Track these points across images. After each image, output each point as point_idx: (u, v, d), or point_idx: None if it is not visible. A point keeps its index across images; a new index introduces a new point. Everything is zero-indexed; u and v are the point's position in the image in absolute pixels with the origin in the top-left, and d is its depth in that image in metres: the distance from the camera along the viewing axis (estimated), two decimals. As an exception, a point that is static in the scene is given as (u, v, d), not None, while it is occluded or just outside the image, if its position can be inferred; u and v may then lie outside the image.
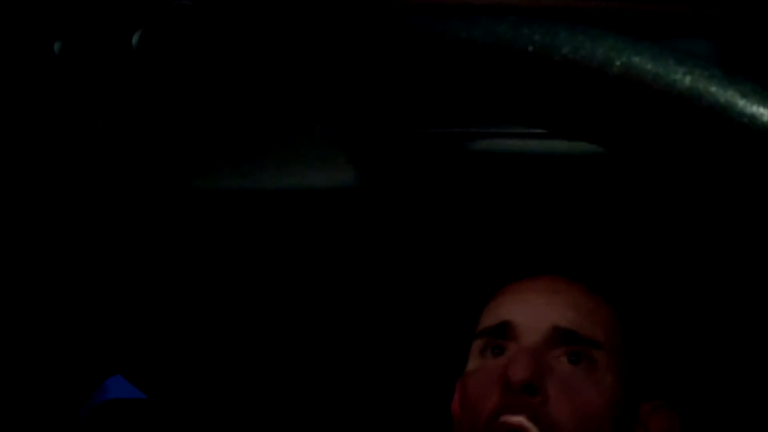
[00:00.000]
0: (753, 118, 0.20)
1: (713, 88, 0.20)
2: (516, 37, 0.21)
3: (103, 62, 0.47)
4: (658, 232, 0.75)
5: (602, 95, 0.21)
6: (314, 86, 0.23)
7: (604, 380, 0.62)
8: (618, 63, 0.21)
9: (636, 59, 0.21)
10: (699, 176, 0.22)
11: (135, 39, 0.44)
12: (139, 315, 0.83)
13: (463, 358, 0.74)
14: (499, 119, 0.23)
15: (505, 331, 0.65)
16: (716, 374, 0.79)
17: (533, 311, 0.65)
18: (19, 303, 0.27)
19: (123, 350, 0.85)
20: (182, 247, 0.81)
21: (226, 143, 0.26)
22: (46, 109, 0.53)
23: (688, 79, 0.20)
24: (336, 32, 0.22)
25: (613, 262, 0.76)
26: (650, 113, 0.21)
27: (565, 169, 0.64)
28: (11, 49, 0.47)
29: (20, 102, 0.52)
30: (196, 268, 0.84)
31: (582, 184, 0.67)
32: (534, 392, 0.59)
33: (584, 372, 0.62)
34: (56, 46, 0.46)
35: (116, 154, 0.26)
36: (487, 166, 0.64)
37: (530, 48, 0.21)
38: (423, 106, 0.24)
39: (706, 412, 0.77)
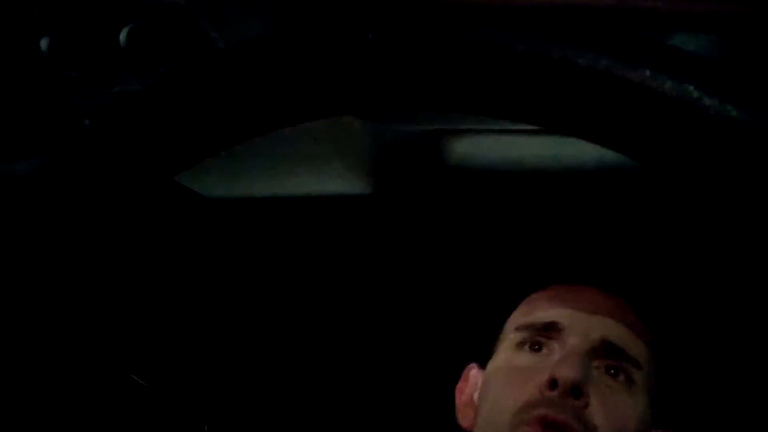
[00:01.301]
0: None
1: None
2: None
3: (91, 59, 0.46)
4: (704, 266, 0.76)
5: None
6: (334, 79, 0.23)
7: (639, 400, 0.63)
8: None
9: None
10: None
11: (123, 36, 0.44)
12: (133, 317, 0.83)
13: (469, 347, 0.74)
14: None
15: (553, 330, 0.65)
16: (728, 414, 0.79)
17: (585, 319, 0.65)
18: (19, 303, 0.27)
19: (120, 352, 0.85)
20: (178, 252, 0.81)
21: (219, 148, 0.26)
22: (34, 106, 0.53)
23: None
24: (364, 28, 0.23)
25: (661, 291, 0.76)
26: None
27: (617, 186, 0.64)
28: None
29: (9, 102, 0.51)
30: (191, 273, 0.84)
31: (634, 206, 0.68)
32: (579, 395, 0.59)
33: (623, 387, 0.63)
34: (43, 43, 0.45)
35: (106, 154, 0.26)
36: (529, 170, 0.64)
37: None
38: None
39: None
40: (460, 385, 0.74)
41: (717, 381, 0.79)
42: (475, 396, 0.70)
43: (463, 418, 0.72)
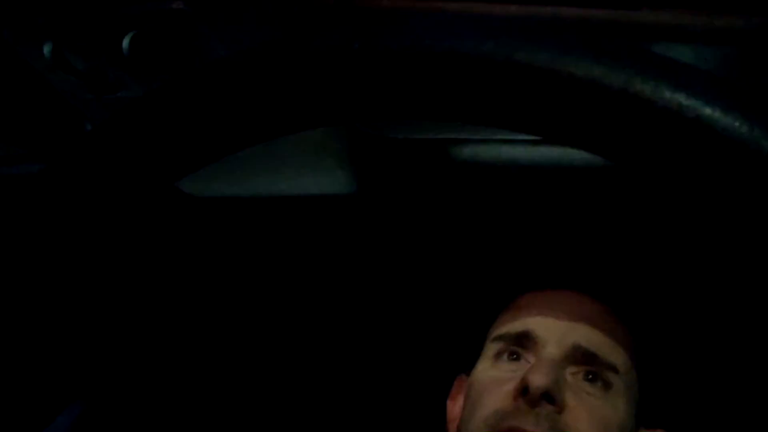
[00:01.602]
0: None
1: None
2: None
3: (94, 65, 0.47)
4: (686, 264, 0.76)
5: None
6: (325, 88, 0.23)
7: (617, 403, 0.63)
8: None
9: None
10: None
11: (126, 43, 0.44)
12: (131, 318, 0.83)
13: (461, 357, 0.74)
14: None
15: (526, 340, 0.65)
16: (715, 409, 0.79)
17: (557, 326, 0.65)
18: (18, 305, 0.27)
19: (121, 354, 0.85)
20: (172, 252, 0.81)
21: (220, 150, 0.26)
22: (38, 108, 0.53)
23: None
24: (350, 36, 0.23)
25: (641, 290, 0.76)
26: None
27: (595, 185, 0.65)
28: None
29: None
30: (186, 273, 0.84)
31: (613, 205, 0.68)
32: (552, 401, 0.59)
33: (600, 392, 0.63)
34: (46, 48, 0.46)
35: (108, 160, 0.26)
36: (508, 174, 0.65)
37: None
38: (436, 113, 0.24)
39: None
40: (450, 398, 0.74)
41: (704, 379, 0.79)
42: (461, 404, 0.71)
43: (452, 427, 0.72)
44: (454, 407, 0.73)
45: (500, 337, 0.67)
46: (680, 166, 0.21)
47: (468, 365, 0.72)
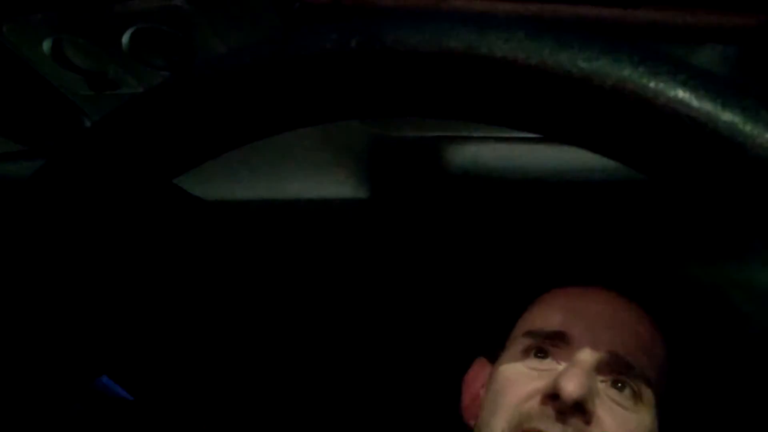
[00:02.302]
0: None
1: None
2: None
3: (94, 62, 0.47)
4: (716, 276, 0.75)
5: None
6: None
7: (645, 416, 0.61)
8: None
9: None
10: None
11: (126, 39, 0.44)
12: (132, 319, 0.83)
13: (469, 353, 0.73)
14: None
15: (559, 340, 0.63)
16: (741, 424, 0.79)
17: (594, 330, 0.63)
18: (17, 304, 0.27)
19: (123, 354, 0.85)
20: (178, 254, 0.81)
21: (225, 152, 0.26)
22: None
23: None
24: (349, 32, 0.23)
25: (683, 301, 0.75)
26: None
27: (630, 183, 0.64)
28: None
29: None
30: (190, 275, 0.84)
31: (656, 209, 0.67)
32: (583, 411, 0.58)
33: (630, 402, 0.61)
34: (46, 45, 0.45)
35: (107, 156, 0.26)
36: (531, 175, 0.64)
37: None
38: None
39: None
40: (468, 377, 0.73)
41: (731, 390, 0.78)
42: (482, 392, 0.69)
43: (468, 414, 0.71)
44: (471, 389, 0.72)
45: (532, 334, 0.66)
46: (681, 165, 0.21)
47: (488, 350, 0.71)
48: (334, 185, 0.65)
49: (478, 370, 0.73)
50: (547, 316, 0.67)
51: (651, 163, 0.22)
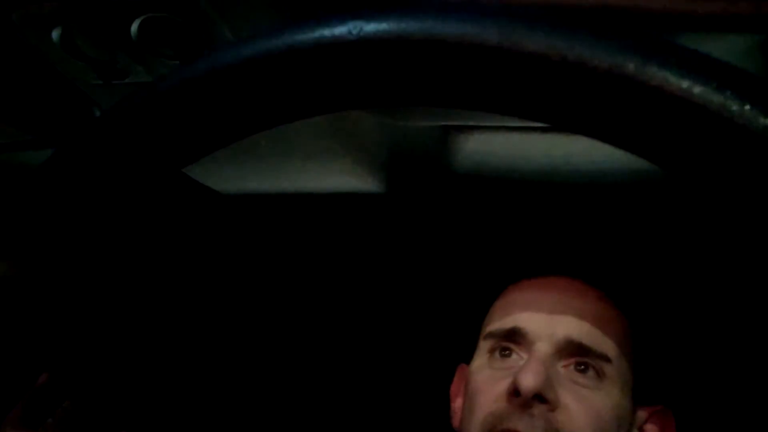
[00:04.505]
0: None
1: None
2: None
3: (103, 51, 0.47)
4: (674, 244, 0.75)
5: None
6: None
7: (611, 392, 0.63)
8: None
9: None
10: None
11: (135, 28, 0.44)
12: (142, 311, 0.83)
13: (464, 346, 0.74)
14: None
15: (515, 336, 0.65)
16: (713, 380, 0.79)
17: (547, 320, 0.64)
18: (25, 294, 0.27)
19: (131, 351, 0.86)
20: (188, 246, 0.81)
21: (243, 146, 0.26)
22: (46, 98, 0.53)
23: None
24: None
25: (634, 272, 0.76)
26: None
27: (595, 170, 0.64)
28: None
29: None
30: (200, 267, 0.85)
31: (612, 193, 0.67)
32: (544, 400, 0.59)
33: (593, 382, 0.62)
34: (55, 33, 0.45)
35: (116, 145, 0.26)
36: (502, 161, 0.64)
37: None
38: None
39: (704, 417, 0.77)
40: (453, 387, 0.75)
41: (701, 355, 0.79)
42: (461, 398, 0.71)
43: (455, 420, 0.72)
44: (456, 398, 0.73)
45: (491, 334, 0.67)
46: (683, 151, 0.21)
47: (468, 354, 0.72)
48: (341, 174, 0.65)
49: (460, 376, 0.74)
50: (503, 314, 0.68)
51: (666, 153, 0.21)
